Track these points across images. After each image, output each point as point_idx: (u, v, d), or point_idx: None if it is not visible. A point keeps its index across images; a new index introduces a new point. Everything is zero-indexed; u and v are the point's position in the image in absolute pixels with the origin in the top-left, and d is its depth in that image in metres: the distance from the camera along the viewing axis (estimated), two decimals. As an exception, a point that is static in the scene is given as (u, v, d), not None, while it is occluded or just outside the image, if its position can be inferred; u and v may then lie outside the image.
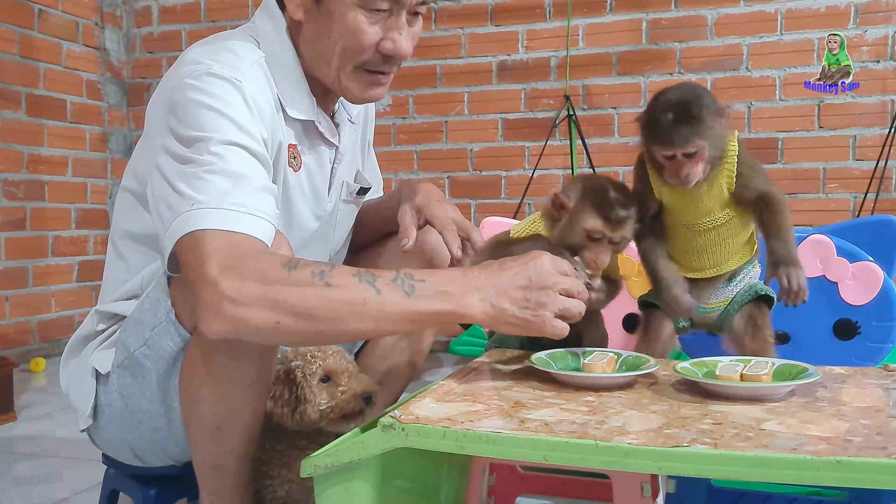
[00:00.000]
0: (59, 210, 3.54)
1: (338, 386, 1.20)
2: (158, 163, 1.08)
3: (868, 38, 3.05)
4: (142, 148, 1.23)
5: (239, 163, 1.05)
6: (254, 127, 1.10)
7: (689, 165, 1.25)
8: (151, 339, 1.13)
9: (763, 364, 1.03)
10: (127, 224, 1.25)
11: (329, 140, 1.32)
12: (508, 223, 2.03)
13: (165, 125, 1.10)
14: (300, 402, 1.19)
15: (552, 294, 1.03)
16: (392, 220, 1.39)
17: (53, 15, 3.52)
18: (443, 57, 3.53)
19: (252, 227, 1.01)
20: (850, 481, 0.70)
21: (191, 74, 1.11)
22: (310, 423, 1.21)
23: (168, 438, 1.19)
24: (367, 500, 0.88)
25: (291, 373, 1.20)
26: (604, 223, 1.24)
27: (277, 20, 1.23)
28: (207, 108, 1.07)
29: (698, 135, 1.24)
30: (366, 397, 1.20)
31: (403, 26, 1.20)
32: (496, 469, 1.34)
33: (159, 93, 1.18)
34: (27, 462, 1.96)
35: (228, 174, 1.03)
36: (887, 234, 1.72)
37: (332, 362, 1.21)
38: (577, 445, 0.78)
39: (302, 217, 1.30)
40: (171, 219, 1.02)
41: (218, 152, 1.04)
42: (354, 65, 1.21)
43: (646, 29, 3.30)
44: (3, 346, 3.20)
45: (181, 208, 1.01)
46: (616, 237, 1.25)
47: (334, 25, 1.18)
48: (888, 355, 1.69)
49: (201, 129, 1.06)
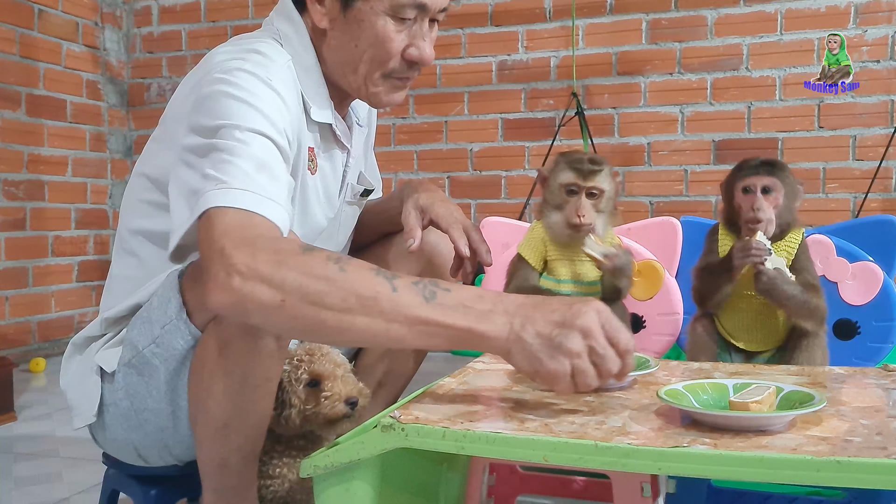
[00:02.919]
0: (59, 210, 3.54)
1: (322, 391, 1.20)
2: (181, 157, 1.08)
3: (868, 38, 3.05)
4: (154, 147, 1.23)
5: (263, 151, 1.06)
6: (280, 122, 1.10)
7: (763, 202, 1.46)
8: (161, 336, 1.13)
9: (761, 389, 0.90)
10: (141, 222, 1.24)
11: (343, 143, 1.33)
12: (508, 223, 2.04)
13: (188, 121, 1.10)
14: (285, 407, 1.20)
15: (582, 344, 0.87)
16: (393, 220, 1.40)
17: (53, 15, 3.52)
18: (443, 57, 3.53)
19: (272, 212, 1.01)
20: (850, 481, 0.70)
21: (220, 70, 1.11)
22: (294, 427, 1.21)
23: (173, 437, 1.19)
24: (367, 500, 0.88)
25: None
26: (575, 174, 1.42)
27: (298, 24, 1.24)
28: (235, 98, 1.07)
29: (777, 177, 1.48)
30: (351, 402, 1.20)
31: (427, 33, 1.22)
32: (496, 469, 1.34)
33: (181, 92, 1.18)
34: (27, 462, 1.96)
35: (253, 159, 1.03)
36: (887, 234, 1.72)
37: (318, 366, 1.21)
38: (576, 445, 0.78)
39: (315, 219, 1.31)
40: (194, 200, 1.02)
41: (243, 139, 1.04)
42: (382, 73, 1.22)
43: (646, 29, 3.30)
44: (3, 346, 3.20)
45: (205, 188, 1.01)
46: (589, 186, 1.41)
47: (363, 34, 1.19)
48: (888, 355, 1.69)
49: (228, 117, 1.06)
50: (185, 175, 1.06)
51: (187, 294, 1.11)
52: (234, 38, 1.24)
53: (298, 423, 1.20)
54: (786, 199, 1.48)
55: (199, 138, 1.07)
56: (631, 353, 0.90)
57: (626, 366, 0.89)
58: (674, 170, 3.28)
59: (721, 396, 0.92)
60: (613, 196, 1.48)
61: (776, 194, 1.46)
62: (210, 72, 1.12)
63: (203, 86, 1.11)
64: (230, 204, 0.98)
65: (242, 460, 1.14)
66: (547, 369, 0.88)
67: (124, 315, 1.23)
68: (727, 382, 0.95)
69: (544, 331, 0.88)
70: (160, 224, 1.19)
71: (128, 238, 1.27)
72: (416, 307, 0.90)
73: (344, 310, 0.91)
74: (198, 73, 1.17)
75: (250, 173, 1.02)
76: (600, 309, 0.90)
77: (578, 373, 0.87)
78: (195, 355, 1.12)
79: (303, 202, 1.26)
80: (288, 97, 1.15)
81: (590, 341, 0.87)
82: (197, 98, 1.10)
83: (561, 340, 0.87)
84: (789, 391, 0.91)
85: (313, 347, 1.24)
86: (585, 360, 0.87)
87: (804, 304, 1.44)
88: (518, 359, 0.90)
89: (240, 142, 1.04)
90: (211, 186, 1.00)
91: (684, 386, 0.94)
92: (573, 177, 1.43)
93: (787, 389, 0.91)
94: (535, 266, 1.47)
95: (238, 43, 1.21)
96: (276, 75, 1.14)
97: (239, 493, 1.16)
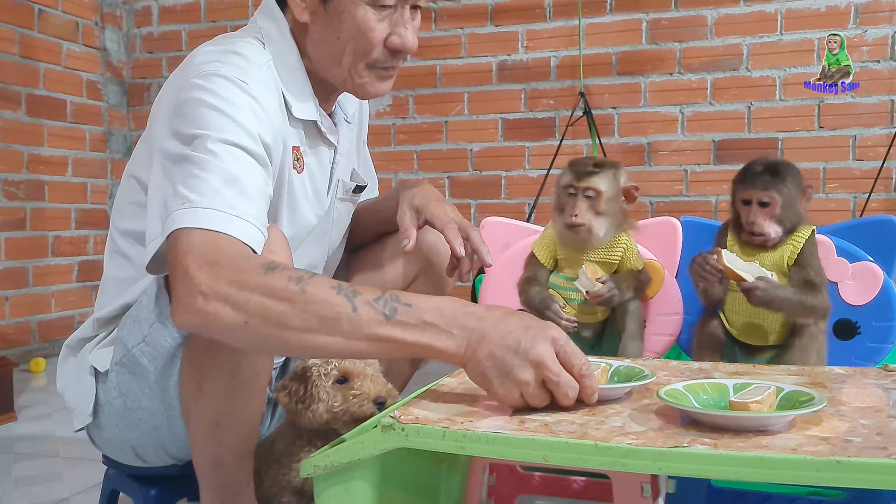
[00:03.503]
0: (59, 210, 3.54)
1: (351, 389, 1.20)
2: (159, 161, 1.09)
3: (868, 38, 3.05)
4: (143, 147, 1.23)
5: (235, 163, 1.06)
6: (256, 129, 1.10)
7: (760, 215, 1.48)
8: (150, 335, 1.14)
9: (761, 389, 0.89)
10: (131, 224, 1.25)
11: (329, 140, 1.32)
12: (508, 223, 2.04)
13: (168, 125, 1.10)
14: (313, 401, 1.19)
15: (532, 374, 0.88)
16: (389, 220, 1.40)
17: (53, 15, 3.52)
18: (443, 57, 3.53)
19: (238, 229, 1.01)
20: (850, 481, 0.70)
21: (198, 74, 1.11)
22: (321, 423, 1.20)
23: (168, 436, 1.19)
24: (367, 500, 0.88)
25: (308, 370, 1.21)
26: (572, 176, 1.49)
27: (280, 21, 1.24)
28: (210, 107, 1.08)
29: (776, 189, 1.47)
30: (379, 402, 1.19)
31: (408, 21, 1.22)
32: (496, 469, 1.34)
33: (164, 93, 1.18)
34: (27, 462, 1.96)
35: (223, 174, 1.03)
36: (887, 234, 1.71)
37: (349, 364, 1.21)
38: (576, 445, 0.78)
39: (304, 217, 1.30)
40: (164, 217, 1.02)
41: (215, 150, 1.04)
42: (366, 63, 1.22)
43: (646, 29, 3.30)
44: (3, 346, 3.20)
45: (174, 206, 1.01)
46: (584, 187, 1.48)
47: (343, 25, 1.19)
48: (888, 355, 1.69)
49: (202, 126, 1.06)
50: (160, 184, 1.07)
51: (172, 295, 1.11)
52: (218, 38, 1.24)
53: (325, 419, 1.20)
54: (787, 206, 1.49)
55: (176, 144, 1.07)
56: (588, 376, 0.90)
57: (586, 388, 0.90)
58: (674, 170, 3.28)
59: (721, 396, 0.92)
60: (615, 198, 1.51)
61: (773, 206, 1.48)
62: (189, 76, 1.12)
63: (182, 91, 1.11)
64: (196, 224, 0.99)
65: (237, 458, 1.14)
66: (496, 392, 0.90)
67: (115, 315, 1.23)
68: (727, 382, 0.95)
69: (497, 353, 0.89)
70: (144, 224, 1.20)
71: (118, 239, 1.27)
72: (376, 325, 0.92)
73: (305, 330, 0.93)
74: (180, 74, 1.17)
75: (219, 190, 1.02)
76: (556, 336, 0.90)
77: (529, 397, 0.89)
78: (184, 354, 1.12)
79: (291, 201, 1.26)
80: (266, 100, 1.14)
81: (542, 371, 0.88)
82: (176, 103, 1.10)
83: (511, 369, 0.88)
84: (789, 391, 0.90)
85: None
86: (535, 388, 0.89)
87: (800, 305, 1.46)
88: (471, 374, 0.93)
89: (211, 154, 1.04)
90: (178, 205, 1.01)
91: (684, 386, 0.93)
92: (570, 178, 1.50)
93: (787, 389, 0.91)
94: (546, 264, 1.58)
95: (220, 43, 1.20)
96: (253, 78, 1.14)
97: (235, 491, 1.16)
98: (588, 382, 0.91)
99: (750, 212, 1.49)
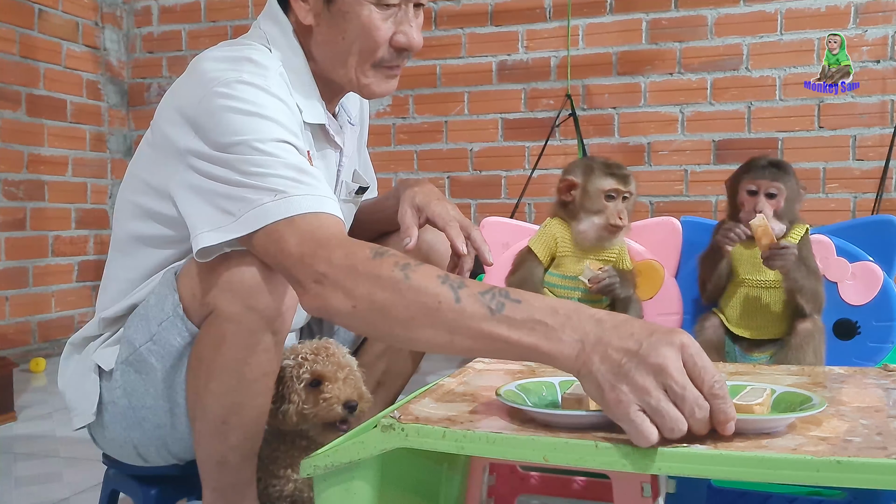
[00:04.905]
0: (59, 210, 3.54)
1: (322, 392, 1.20)
2: (197, 178, 1.07)
3: (868, 38, 3.05)
4: (148, 150, 1.21)
5: (294, 157, 1.07)
6: (292, 125, 1.12)
7: (765, 205, 1.54)
8: (158, 334, 1.14)
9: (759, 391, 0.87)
10: (136, 225, 1.23)
11: (336, 142, 1.33)
12: (508, 223, 2.04)
13: (193, 137, 1.08)
14: (283, 402, 1.19)
15: (651, 381, 0.73)
16: (389, 219, 1.40)
17: (53, 15, 3.52)
18: (443, 57, 3.53)
19: (332, 207, 1.04)
20: (850, 481, 0.70)
21: (220, 83, 1.09)
22: (291, 424, 1.21)
23: (171, 435, 1.19)
24: (367, 500, 0.88)
25: (281, 371, 1.20)
26: (616, 180, 1.53)
27: (283, 25, 1.23)
28: (245, 113, 1.07)
29: (782, 181, 1.55)
30: (350, 406, 1.19)
31: (412, 19, 1.22)
32: (496, 469, 1.34)
33: (174, 103, 1.15)
34: (27, 462, 1.96)
35: (289, 166, 1.05)
36: (887, 234, 1.72)
37: (322, 367, 1.21)
38: (577, 445, 0.78)
39: None
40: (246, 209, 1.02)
41: (270, 150, 1.05)
42: (372, 63, 1.22)
43: (646, 29, 3.30)
44: (3, 346, 3.20)
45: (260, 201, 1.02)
46: (628, 191, 1.54)
47: (349, 25, 1.19)
48: (888, 355, 1.69)
49: (244, 132, 1.06)
50: (213, 189, 1.05)
51: (183, 291, 1.11)
52: (222, 44, 1.23)
53: (295, 420, 1.20)
54: (788, 202, 1.55)
55: (212, 153, 1.06)
56: (721, 398, 0.74)
57: (717, 412, 0.74)
58: (674, 170, 3.28)
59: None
60: None
61: (779, 198, 1.50)
62: (210, 85, 1.10)
63: (204, 101, 1.09)
64: (295, 212, 1.01)
65: (241, 458, 1.14)
66: (606, 400, 0.76)
67: (122, 314, 1.23)
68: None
69: (613, 356, 0.76)
70: (157, 230, 1.19)
71: (123, 240, 1.26)
72: (480, 319, 0.84)
73: (408, 319, 0.89)
74: (192, 84, 1.14)
75: (298, 178, 1.04)
76: (686, 343, 0.75)
77: (654, 413, 0.73)
78: (192, 352, 1.12)
79: None
80: (288, 102, 1.15)
81: (663, 379, 0.73)
82: (199, 114, 1.09)
83: (626, 372, 0.74)
84: (782, 392, 0.89)
85: (320, 346, 1.24)
86: (660, 400, 0.73)
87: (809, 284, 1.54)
88: (585, 385, 0.79)
89: (268, 154, 1.05)
90: (267, 199, 1.01)
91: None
92: (615, 182, 1.55)
93: (779, 391, 0.90)
94: (543, 261, 1.56)
95: (227, 50, 1.19)
96: (273, 83, 1.14)
97: (239, 490, 1.16)
98: (721, 406, 0.74)
99: (756, 202, 1.53)
